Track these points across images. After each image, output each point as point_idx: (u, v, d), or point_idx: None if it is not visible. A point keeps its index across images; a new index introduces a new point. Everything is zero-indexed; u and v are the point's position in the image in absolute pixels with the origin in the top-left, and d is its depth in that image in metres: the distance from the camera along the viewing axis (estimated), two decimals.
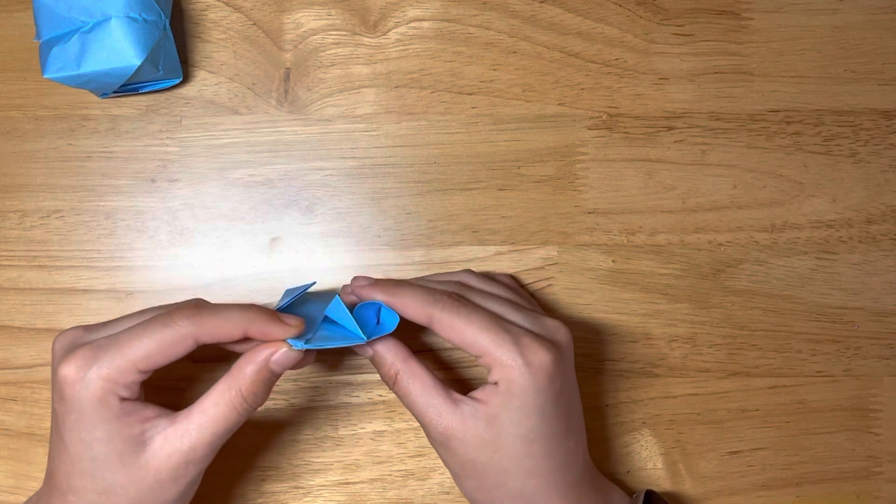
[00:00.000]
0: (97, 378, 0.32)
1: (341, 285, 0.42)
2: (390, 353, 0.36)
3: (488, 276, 0.40)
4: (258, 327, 0.34)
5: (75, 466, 0.33)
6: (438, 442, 0.36)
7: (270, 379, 0.34)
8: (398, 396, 0.36)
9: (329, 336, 0.35)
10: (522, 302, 0.39)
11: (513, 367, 0.34)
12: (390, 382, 0.36)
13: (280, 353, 0.34)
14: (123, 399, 0.32)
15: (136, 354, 0.32)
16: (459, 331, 0.35)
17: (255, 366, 0.34)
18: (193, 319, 0.33)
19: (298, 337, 0.34)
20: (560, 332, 0.36)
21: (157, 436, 0.33)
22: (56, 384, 0.33)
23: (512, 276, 0.43)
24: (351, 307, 0.36)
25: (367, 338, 0.35)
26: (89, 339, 0.34)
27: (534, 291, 0.43)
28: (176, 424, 0.33)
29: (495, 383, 0.35)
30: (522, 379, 0.34)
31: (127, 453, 0.32)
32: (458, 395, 0.35)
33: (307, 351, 0.35)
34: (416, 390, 0.36)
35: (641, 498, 0.38)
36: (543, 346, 0.34)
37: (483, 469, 0.35)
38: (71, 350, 0.33)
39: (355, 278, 0.39)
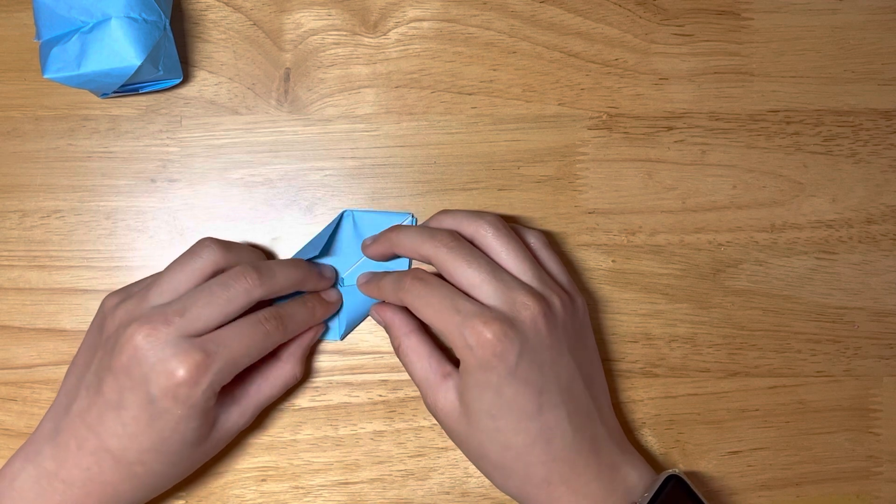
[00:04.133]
0: (213, 384, 0.35)
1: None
2: (395, 325, 0.40)
3: (506, 230, 0.38)
4: (319, 317, 0.41)
5: (156, 446, 0.35)
6: (431, 412, 0.39)
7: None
8: (401, 363, 0.40)
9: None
10: (522, 268, 0.37)
11: (460, 348, 0.36)
12: (394, 350, 0.40)
13: (316, 337, 0.42)
14: (216, 393, 0.36)
15: (242, 363, 0.36)
16: (419, 312, 0.37)
17: (305, 350, 0.41)
18: (282, 331, 0.38)
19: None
20: (526, 310, 0.35)
21: (223, 415, 0.38)
22: (159, 379, 0.34)
23: (540, 234, 0.40)
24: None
25: (341, 337, 0.43)
26: (180, 326, 0.35)
27: None
28: (239, 404, 0.38)
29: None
30: (471, 358, 0.35)
31: (205, 435, 0.37)
32: (449, 368, 0.38)
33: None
34: (413, 362, 0.39)
35: (660, 482, 0.37)
36: (490, 325, 0.35)
37: (465, 440, 0.37)
38: (174, 346, 0.34)
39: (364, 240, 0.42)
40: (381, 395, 0.43)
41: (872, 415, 0.44)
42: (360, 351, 0.43)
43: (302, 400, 0.43)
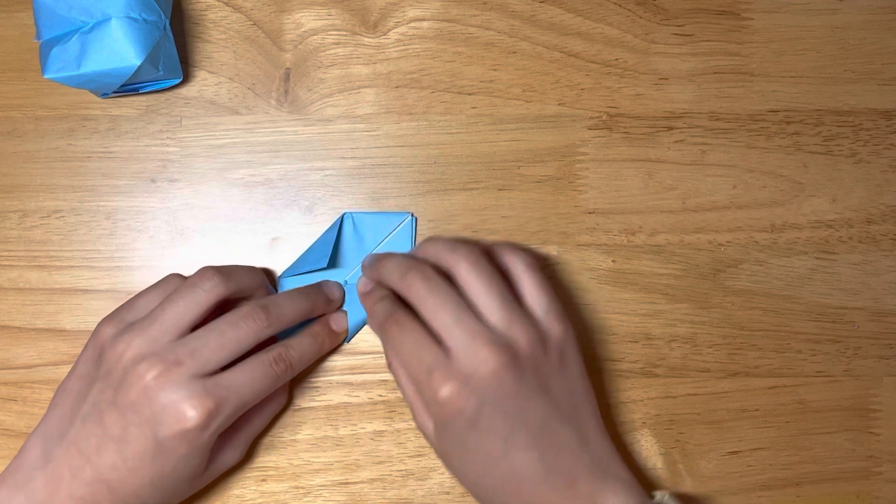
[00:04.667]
0: (221, 427, 0.36)
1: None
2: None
3: (481, 264, 0.37)
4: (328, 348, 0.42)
5: (154, 481, 0.36)
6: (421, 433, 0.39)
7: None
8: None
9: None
10: (492, 306, 0.36)
11: (425, 400, 0.37)
12: (387, 365, 0.40)
13: None
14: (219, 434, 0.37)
15: (250, 405, 0.37)
16: (389, 360, 0.39)
17: (287, 377, 0.40)
18: (290, 372, 0.39)
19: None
20: (485, 364, 0.35)
21: (219, 452, 0.39)
22: (169, 422, 0.35)
23: (526, 256, 0.39)
24: None
25: (347, 340, 0.43)
26: (191, 368, 0.36)
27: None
28: (231, 443, 0.39)
29: None
30: (434, 411, 0.36)
31: (202, 472, 0.38)
32: None
33: None
34: (403, 383, 0.39)
35: None
36: (447, 384, 0.35)
37: (446, 465, 0.39)
38: (186, 388, 0.35)
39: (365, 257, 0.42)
40: (381, 395, 0.43)
41: (872, 415, 0.44)
42: (360, 351, 0.43)
43: (302, 400, 0.43)
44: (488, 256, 0.38)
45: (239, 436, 0.39)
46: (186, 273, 0.41)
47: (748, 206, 0.44)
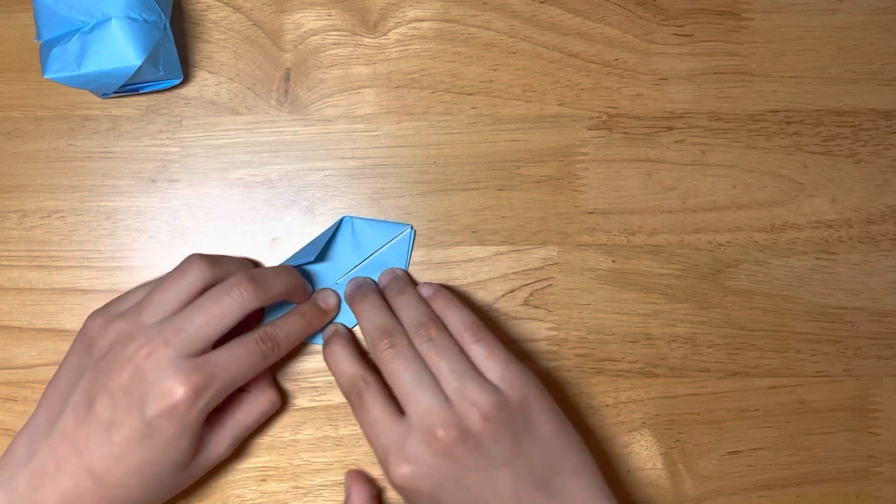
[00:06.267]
0: (208, 405, 0.36)
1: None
2: (353, 496, 0.41)
3: (435, 338, 0.38)
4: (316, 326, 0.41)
5: (140, 467, 0.35)
6: None
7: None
8: None
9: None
10: (445, 374, 0.37)
11: (387, 479, 0.37)
12: None
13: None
14: (206, 415, 0.37)
15: (238, 384, 0.37)
16: (360, 425, 0.38)
17: (272, 377, 0.41)
18: (278, 351, 0.38)
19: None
20: (437, 443, 0.35)
21: (205, 442, 0.38)
22: (157, 400, 0.35)
23: (470, 315, 0.39)
24: None
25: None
26: (179, 346, 0.35)
27: (533, 292, 0.43)
28: (218, 433, 0.39)
29: None
30: (394, 488, 0.37)
31: (190, 459, 0.37)
32: None
33: None
34: None
35: None
36: (400, 467, 0.36)
37: None
38: (174, 366, 0.35)
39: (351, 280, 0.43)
40: None
41: (872, 415, 0.44)
42: (359, 351, 0.43)
43: (302, 400, 0.43)
44: (438, 321, 0.39)
45: (225, 429, 0.39)
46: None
47: (748, 206, 0.44)
